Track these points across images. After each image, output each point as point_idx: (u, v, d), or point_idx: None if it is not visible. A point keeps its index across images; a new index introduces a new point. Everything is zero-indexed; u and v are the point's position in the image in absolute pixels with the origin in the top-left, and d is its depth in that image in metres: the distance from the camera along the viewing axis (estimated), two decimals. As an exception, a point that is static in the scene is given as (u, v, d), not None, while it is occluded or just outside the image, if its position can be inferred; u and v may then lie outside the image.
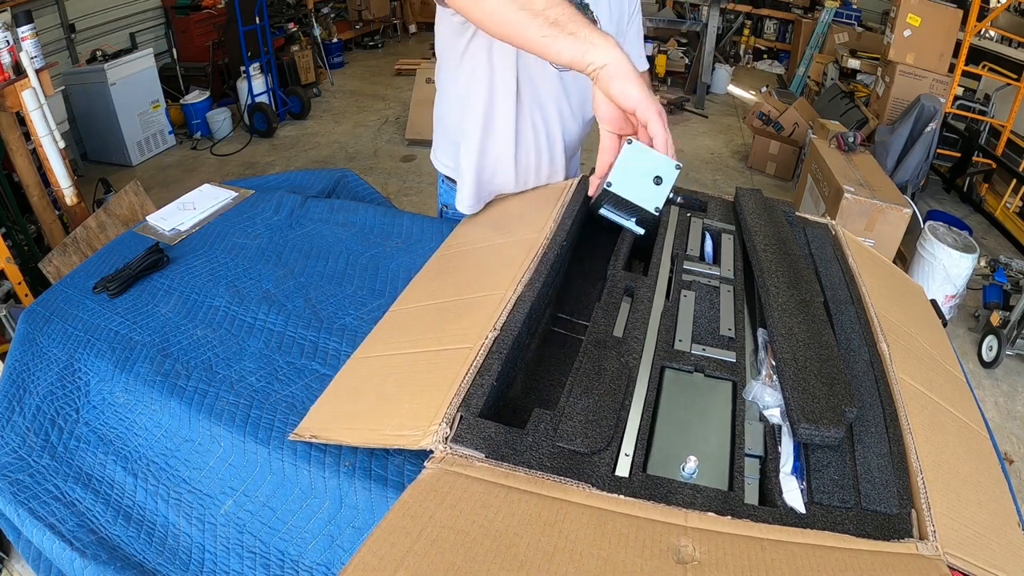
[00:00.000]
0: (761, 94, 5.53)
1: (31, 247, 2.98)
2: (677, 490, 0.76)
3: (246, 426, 0.98)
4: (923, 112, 3.78)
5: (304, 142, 5.04)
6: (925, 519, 0.74)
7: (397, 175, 4.52)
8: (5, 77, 2.51)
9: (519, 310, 1.02)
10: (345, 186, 1.86)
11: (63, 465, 1.02)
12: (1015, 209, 3.98)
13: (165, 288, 1.30)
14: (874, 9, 6.09)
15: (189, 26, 5.14)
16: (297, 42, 5.61)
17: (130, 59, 4.39)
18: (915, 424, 0.88)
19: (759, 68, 7.09)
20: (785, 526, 0.73)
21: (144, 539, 0.93)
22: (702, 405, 0.93)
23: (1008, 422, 2.79)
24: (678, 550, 0.68)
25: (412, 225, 1.56)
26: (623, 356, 0.96)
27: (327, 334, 1.18)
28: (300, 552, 0.88)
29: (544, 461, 0.79)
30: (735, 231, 1.32)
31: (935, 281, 3.10)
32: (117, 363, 1.11)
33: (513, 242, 1.26)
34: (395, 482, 0.88)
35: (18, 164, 2.77)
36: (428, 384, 0.90)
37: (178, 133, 4.92)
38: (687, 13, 6.30)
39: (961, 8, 4.15)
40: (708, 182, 4.65)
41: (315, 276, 1.35)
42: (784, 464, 0.82)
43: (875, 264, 1.37)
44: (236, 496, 0.94)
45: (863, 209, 3.05)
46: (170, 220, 1.53)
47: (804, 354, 0.92)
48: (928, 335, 1.20)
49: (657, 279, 1.15)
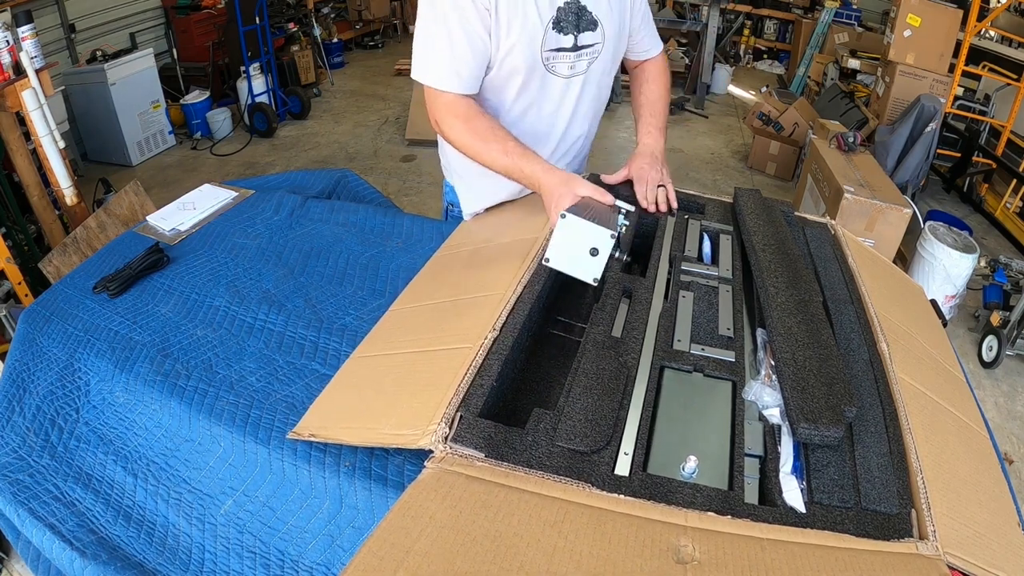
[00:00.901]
0: (761, 94, 5.53)
1: (31, 247, 2.98)
2: (677, 489, 0.76)
3: (246, 426, 0.98)
4: (923, 112, 3.78)
5: (304, 142, 5.04)
6: (925, 519, 0.74)
7: (397, 175, 4.52)
8: (5, 77, 2.51)
9: (519, 311, 1.02)
10: (345, 186, 1.86)
11: (63, 465, 1.02)
12: (1015, 209, 3.98)
13: (165, 288, 1.30)
14: (874, 9, 6.09)
15: (189, 26, 5.14)
16: (297, 42, 5.60)
17: (130, 59, 4.38)
18: (915, 424, 0.88)
19: (759, 68, 7.09)
20: (785, 526, 0.73)
21: (144, 539, 0.93)
22: (702, 405, 0.93)
23: (1008, 422, 2.79)
24: (678, 550, 0.68)
25: (412, 225, 1.56)
26: (622, 356, 0.96)
27: (327, 334, 1.18)
28: (300, 552, 0.88)
29: (544, 460, 0.79)
30: (733, 231, 1.32)
31: (935, 281, 3.10)
32: (117, 363, 1.11)
33: (513, 243, 1.26)
34: (395, 482, 0.88)
35: (18, 164, 2.76)
36: (428, 384, 0.90)
37: (178, 133, 4.92)
38: (687, 13, 6.30)
39: (961, 8, 4.14)
40: (708, 182, 4.65)
41: (315, 276, 1.35)
42: (784, 464, 0.82)
43: (875, 264, 1.36)
44: (236, 496, 0.94)
45: (863, 209, 3.05)
46: (170, 220, 1.53)
47: (803, 354, 0.92)
48: (928, 335, 1.20)
49: (655, 280, 1.15)
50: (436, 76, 1.25)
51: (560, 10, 1.26)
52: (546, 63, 1.31)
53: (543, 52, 1.29)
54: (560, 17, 1.27)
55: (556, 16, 1.26)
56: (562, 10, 1.26)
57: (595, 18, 1.31)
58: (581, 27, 1.30)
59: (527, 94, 1.35)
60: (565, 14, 1.27)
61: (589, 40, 1.32)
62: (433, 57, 1.24)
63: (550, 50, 1.29)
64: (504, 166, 1.24)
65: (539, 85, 1.34)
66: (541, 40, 1.27)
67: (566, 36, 1.29)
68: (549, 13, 1.26)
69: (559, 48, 1.30)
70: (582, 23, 1.29)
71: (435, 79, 1.25)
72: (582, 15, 1.29)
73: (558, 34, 1.28)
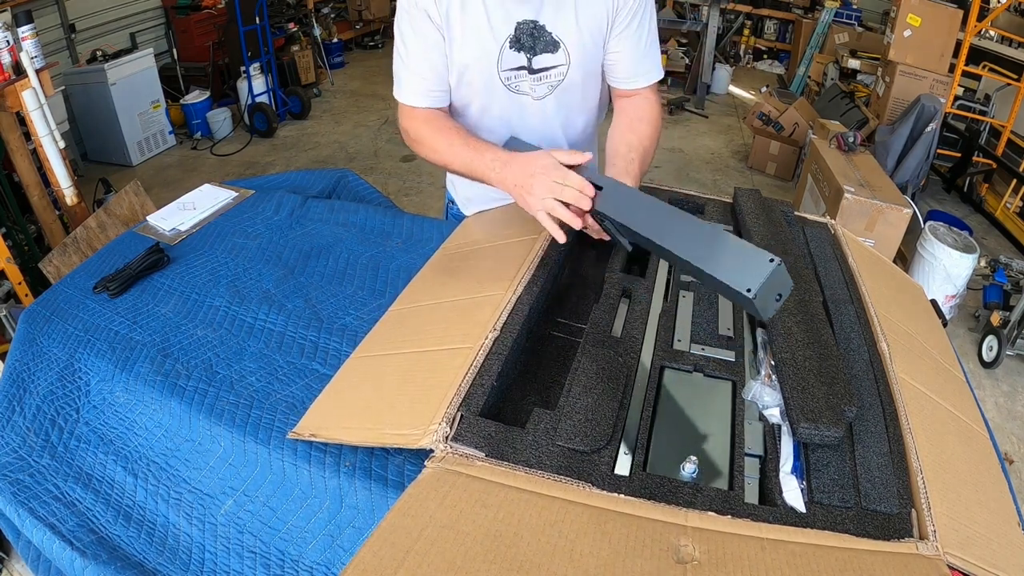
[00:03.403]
0: (761, 94, 5.53)
1: (31, 247, 2.98)
2: (677, 489, 0.76)
3: (246, 426, 0.99)
4: (923, 112, 3.78)
5: (304, 142, 5.04)
6: (925, 519, 0.74)
7: (397, 175, 4.52)
8: (5, 77, 2.51)
9: (519, 310, 1.02)
10: (345, 186, 1.86)
11: (63, 465, 1.02)
12: (1015, 209, 3.98)
13: (165, 288, 1.30)
14: (874, 9, 6.09)
15: (189, 26, 5.14)
16: (297, 42, 5.60)
17: (130, 59, 4.38)
18: (915, 424, 0.88)
19: (759, 68, 7.09)
20: (785, 526, 0.73)
21: (144, 539, 0.93)
22: (702, 404, 0.93)
23: (1008, 422, 2.79)
24: (678, 550, 0.68)
25: (412, 225, 1.56)
26: (622, 356, 0.96)
27: (327, 334, 1.18)
28: (300, 552, 0.88)
29: (544, 460, 0.79)
30: (733, 232, 1.32)
31: (935, 281, 3.10)
32: (117, 363, 1.11)
33: (513, 243, 1.26)
34: (395, 482, 0.88)
35: (18, 164, 2.77)
36: (428, 383, 0.90)
37: (178, 133, 4.92)
38: (687, 13, 6.30)
39: (961, 8, 4.14)
40: (708, 182, 4.66)
41: (315, 276, 1.35)
42: (784, 464, 0.82)
43: (875, 264, 1.36)
44: (236, 496, 0.94)
45: (863, 209, 3.05)
46: (170, 220, 1.53)
47: (803, 354, 0.92)
48: (928, 335, 1.20)
49: (655, 280, 1.15)
50: (398, 90, 1.27)
51: (518, 28, 1.19)
52: (507, 83, 1.25)
53: (501, 72, 1.23)
54: (518, 35, 1.20)
55: (514, 34, 1.20)
56: (519, 28, 1.20)
57: (555, 39, 1.21)
58: (537, 48, 1.22)
59: (494, 113, 1.30)
60: (521, 33, 1.20)
61: (548, 63, 1.24)
62: (397, 73, 1.26)
63: (509, 69, 1.23)
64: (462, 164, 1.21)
65: (507, 105, 1.28)
66: (497, 59, 1.22)
67: (523, 55, 1.22)
68: (506, 31, 1.19)
69: (519, 67, 1.24)
70: (538, 44, 1.21)
71: (399, 93, 1.27)
72: (539, 36, 1.21)
73: (516, 52, 1.22)
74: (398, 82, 1.27)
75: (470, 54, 1.21)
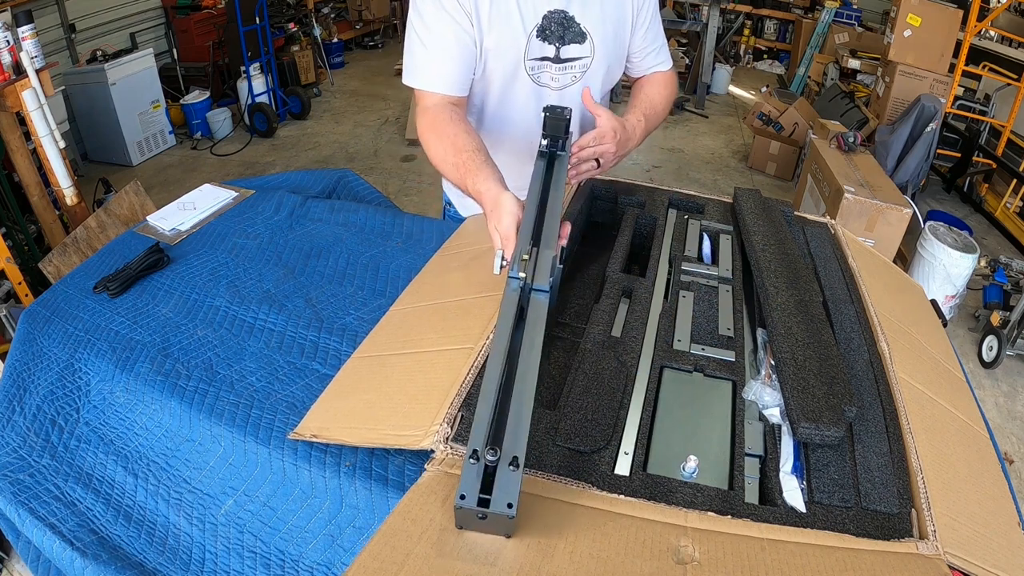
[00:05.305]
0: (761, 94, 5.53)
1: (31, 247, 2.98)
2: (677, 489, 0.76)
3: (247, 426, 0.99)
4: (923, 112, 3.78)
5: (304, 142, 5.04)
6: (925, 519, 0.74)
7: (397, 175, 4.52)
8: (5, 77, 2.51)
9: (519, 310, 1.01)
10: (345, 186, 1.86)
11: (63, 465, 1.02)
12: (1015, 209, 3.98)
13: (165, 288, 1.30)
14: (874, 9, 6.09)
15: (189, 26, 5.14)
16: (297, 42, 5.61)
17: (130, 59, 4.38)
18: (915, 424, 0.88)
19: (759, 68, 7.09)
20: (785, 526, 0.73)
21: (144, 539, 0.93)
22: (702, 404, 0.93)
23: (1008, 422, 2.79)
24: (678, 550, 0.68)
25: (412, 225, 1.56)
26: (622, 356, 0.96)
27: (327, 334, 1.18)
28: (300, 552, 0.88)
29: (544, 460, 0.79)
30: (733, 231, 1.32)
31: (935, 281, 3.10)
32: (118, 363, 1.11)
33: (513, 242, 1.26)
34: (395, 482, 0.88)
35: (18, 164, 2.77)
36: (429, 384, 0.90)
37: (178, 133, 4.92)
38: (687, 13, 6.30)
39: (961, 8, 4.14)
40: (708, 182, 4.66)
41: (315, 276, 1.35)
42: (784, 463, 0.82)
43: (875, 264, 1.36)
44: (236, 496, 0.94)
45: (863, 209, 3.05)
46: (170, 220, 1.53)
47: (803, 353, 0.92)
48: (928, 335, 1.20)
49: (655, 280, 1.15)
50: (414, 76, 1.24)
51: (546, 18, 1.21)
52: (531, 73, 1.26)
53: (527, 61, 1.24)
54: (545, 25, 1.21)
55: (542, 24, 1.21)
56: (548, 18, 1.21)
57: (583, 30, 1.24)
58: (566, 39, 1.24)
59: (512, 103, 1.30)
60: (550, 23, 1.21)
61: (575, 53, 1.26)
62: (411, 58, 1.24)
63: (535, 59, 1.25)
64: (455, 180, 1.15)
65: (527, 95, 1.29)
66: (524, 48, 1.22)
67: (549, 46, 1.24)
68: (534, 20, 1.21)
69: (543, 58, 1.25)
70: (567, 35, 1.23)
71: (415, 79, 1.24)
72: (568, 26, 1.22)
73: (542, 43, 1.23)
74: (412, 68, 1.24)
75: (498, 41, 1.21)
